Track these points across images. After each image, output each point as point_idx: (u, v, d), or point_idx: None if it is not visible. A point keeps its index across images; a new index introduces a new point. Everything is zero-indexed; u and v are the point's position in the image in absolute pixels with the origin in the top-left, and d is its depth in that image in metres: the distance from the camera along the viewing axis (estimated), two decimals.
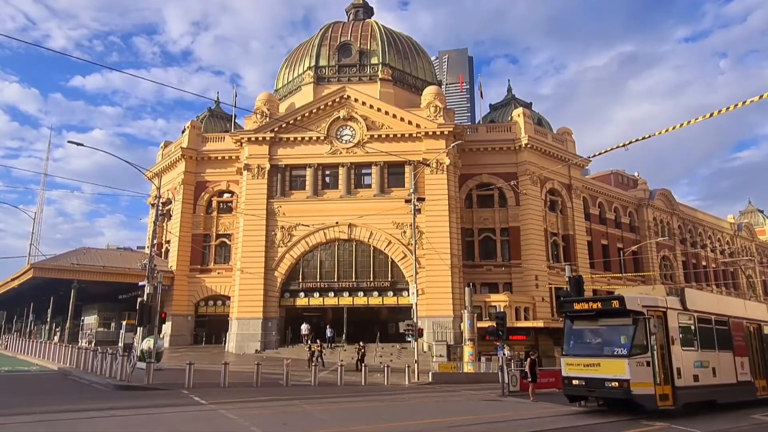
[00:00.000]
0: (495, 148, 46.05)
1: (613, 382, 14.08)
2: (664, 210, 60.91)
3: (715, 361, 16.48)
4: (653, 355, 14.46)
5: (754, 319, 19.35)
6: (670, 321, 15.35)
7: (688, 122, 14.72)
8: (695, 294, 18.11)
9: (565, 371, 15.51)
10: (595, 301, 16.29)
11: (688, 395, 14.97)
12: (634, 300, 15.16)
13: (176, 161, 48.53)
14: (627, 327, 14.76)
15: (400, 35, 52.96)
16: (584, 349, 15.56)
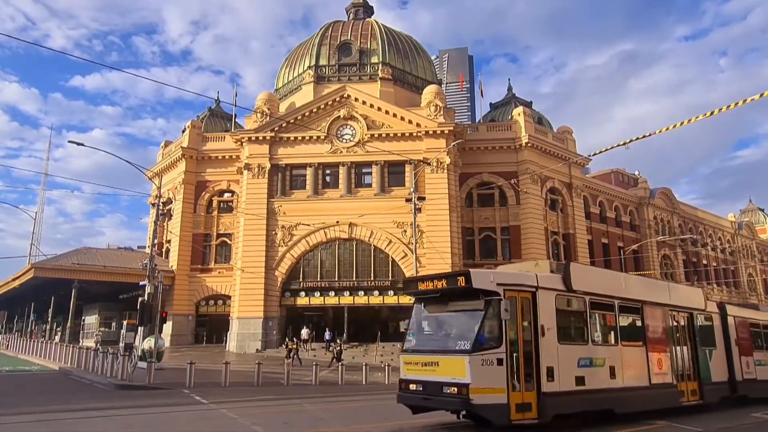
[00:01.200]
0: (495, 147, 46.04)
1: (451, 387, 10.35)
2: (665, 209, 60.91)
3: (614, 358, 12.90)
4: (510, 350, 10.69)
5: (681, 307, 15.73)
6: (543, 305, 11.51)
7: (689, 121, 14.71)
8: (587, 271, 14.43)
9: (403, 372, 11.66)
10: (440, 278, 12.02)
11: (563, 404, 11.35)
12: (484, 276, 11.29)
13: (177, 161, 48.55)
14: (477, 313, 10.96)
15: (400, 34, 52.95)
16: (427, 342, 11.80)
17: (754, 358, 18.34)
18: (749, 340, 18.38)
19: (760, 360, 18.61)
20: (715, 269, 66.54)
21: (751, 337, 18.51)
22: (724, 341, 17.22)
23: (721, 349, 16.98)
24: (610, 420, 13.14)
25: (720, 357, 16.81)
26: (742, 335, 17.99)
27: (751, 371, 17.92)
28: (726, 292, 67.10)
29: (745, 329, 18.31)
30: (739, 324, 18.01)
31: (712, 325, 16.89)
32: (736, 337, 17.59)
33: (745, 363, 17.68)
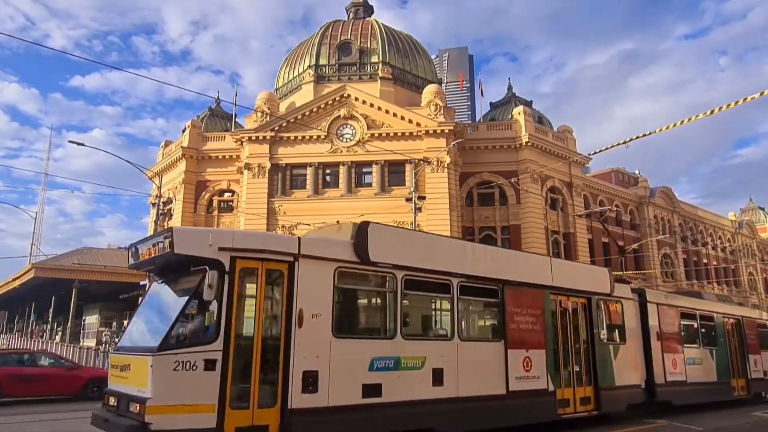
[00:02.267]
0: (495, 146, 46.04)
1: (133, 404, 7.15)
2: (665, 208, 60.90)
3: (444, 358, 9.51)
4: (236, 347, 7.43)
5: (572, 290, 12.38)
6: (306, 281, 8.07)
7: (689, 119, 14.68)
8: (401, 237, 9.93)
9: (110, 380, 8.35)
10: (149, 241, 8.32)
11: (331, 425, 8.01)
12: (197, 237, 7.82)
13: (177, 161, 48.56)
14: (187, 291, 7.86)
15: (400, 34, 52.95)
16: (131, 335, 8.70)
17: (684, 355, 15.28)
18: (678, 334, 15.42)
19: (694, 358, 15.65)
20: (716, 268, 66.54)
21: (681, 330, 15.59)
22: (642, 335, 14.29)
23: (634, 345, 13.85)
24: (608, 421, 13.12)
25: (632, 355, 13.72)
26: (668, 328, 14.98)
27: (679, 372, 14.91)
28: (726, 291, 67.11)
29: (672, 320, 15.30)
30: (664, 314, 14.96)
31: (622, 315, 13.64)
32: (659, 331, 14.65)
33: (670, 362, 14.66)
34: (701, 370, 15.89)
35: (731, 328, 17.74)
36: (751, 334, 18.28)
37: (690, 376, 15.28)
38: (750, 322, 18.68)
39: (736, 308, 19.11)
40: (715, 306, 17.69)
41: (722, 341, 17.12)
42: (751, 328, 18.38)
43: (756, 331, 18.56)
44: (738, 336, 18.03)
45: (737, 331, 18.08)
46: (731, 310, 18.50)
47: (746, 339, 18.01)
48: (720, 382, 16.53)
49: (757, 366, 18.12)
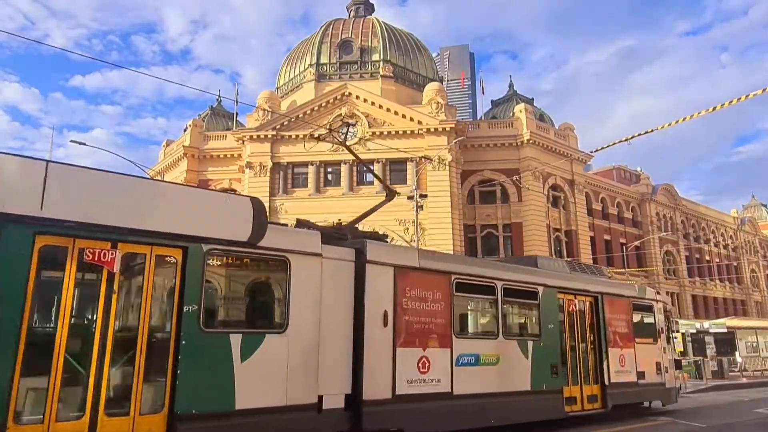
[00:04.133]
0: (497, 144, 45.99)
1: None
2: (667, 205, 60.82)
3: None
4: None
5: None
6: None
7: (691, 116, 14.66)
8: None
9: None
10: None
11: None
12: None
13: (178, 160, 48.60)
14: None
15: (401, 32, 52.91)
16: None
17: (453, 351, 9.67)
18: (441, 316, 9.65)
19: (476, 356, 10.07)
20: (718, 266, 66.45)
21: (450, 310, 9.78)
22: (355, 318, 8.56)
23: (310, 334, 7.86)
24: (612, 419, 13.13)
25: (311, 350, 7.83)
26: (414, 307, 9.30)
27: (430, 379, 9.28)
28: (729, 288, 67.03)
29: (427, 295, 9.54)
30: (406, 283, 9.25)
31: (269, 282, 8.10)
32: (393, 311, 8.94)
33: (403, 362, 8.91)
34: (493, 374, 10.19)
35: (575, 309, 12.38)
36: (618, 319, 13.38)
37: (462, 385, 9.57)
38: (617, 302, 13.54)
39: (595, 281, 13.41)
40: (542, 276, 11.93)
41: (551, 329, 11.67)
42: (618, 309, 13.45)
43: (628, 315, 13.76)
44: (591, 322, 12.84)
45: (590, 315, 12.86)
46: (579, 284, 12.84)
47: (606, 326, 12.91)
48: (538, 391, 10.96)
49: (625, 365, 13.15)
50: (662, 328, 14.96)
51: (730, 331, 32.84)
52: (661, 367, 14.34)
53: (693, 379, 26.84)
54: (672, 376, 15.12)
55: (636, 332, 13.85)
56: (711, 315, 56.70)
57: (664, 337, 15.00)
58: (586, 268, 15.10)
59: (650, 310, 14.78)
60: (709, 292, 63.29)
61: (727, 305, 64.78)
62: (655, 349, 14.40)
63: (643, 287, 15.56)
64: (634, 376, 13.36)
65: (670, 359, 15.12)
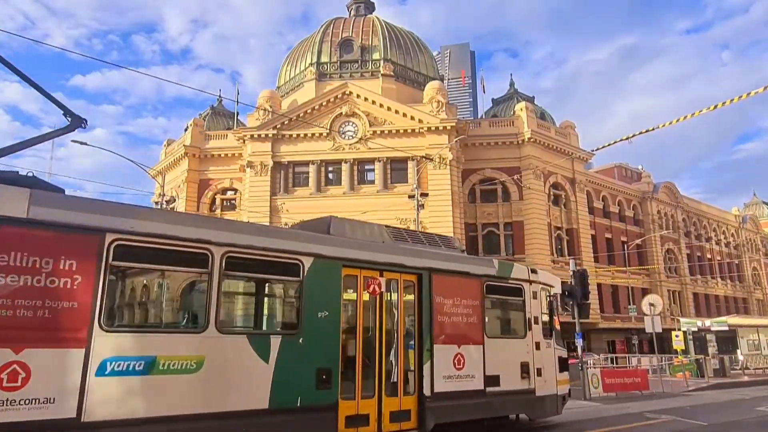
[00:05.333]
0: (498, 142, 45.97)
1: None
2: (669, 203, 60.76)
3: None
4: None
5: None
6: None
7: (692, 114, 14.64)
8: None
9: None
10: None
11: None
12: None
13: (179, 159, 48.63)
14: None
15: (401, 30, 52.89)
16: None
17: (45, 352, 5.92)
18: (28, 296, 5.86)
19: (128, 356, 6.46)
20: (719, 264, 66.38)
21: (41, 283, 5.94)
22: None
23: None
24: (611, 418, 13.14)
25: None
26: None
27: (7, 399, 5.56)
28: (730, 286, 66.97)
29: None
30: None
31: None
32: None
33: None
34: (187, 387, 6.77)
35: (379, 291, 8.95)
36: (456, 305, 9.89)
37: (109, 406, 6.20)
38: (458, 282, 10.03)
39: (421, 253, 9.84)
40: (311, 243, 8.41)
41: (324, 319, 8.23)
42: (457, 292, 9.94)
43: (476, 301, 10.19)
44: (409, 308, 9.64)
45: (407, 299, 9.65)
46: (389, 256, 9.31)
47: (433, 314, 9.46)
48: (285, 410, 7.60)
49: (464, 367, 9.72)
50: (537, 318, 11.24)
51: (732, 330, 32.78)
52: (530, 370, 10.73)
53: (694, 377, 26.84)
54: (551, 382, 11.39)
55: (488, 323, 10.38)
56: (712, 313, 56.68)
57: (541, 330, 11.32)
58: (426, 237, 11.00)
59: (518, 294, 11.05)
60: (711, 290, 63.24)
61: (729, 303, 64.72)
62: (521, 346, 10.83)
63: (508, 263, 11.60)
64: (479, 382, 9.75)
65: (549, 359, 11.46)
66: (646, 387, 20.76)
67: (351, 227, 9.95)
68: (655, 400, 18.14)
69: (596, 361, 28.69)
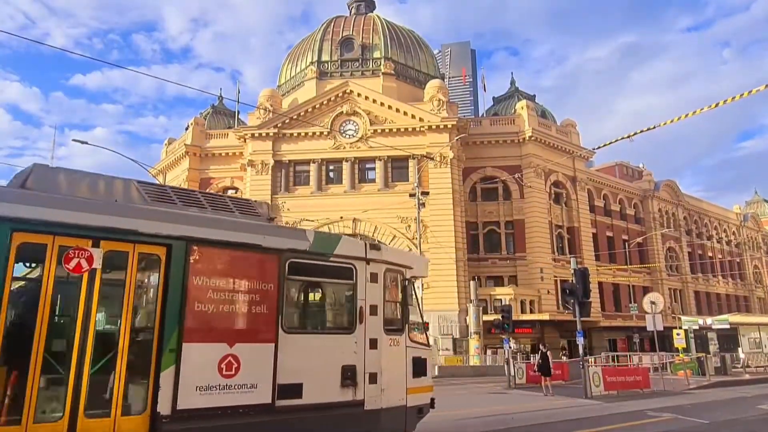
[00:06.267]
0: (499, 140, 45.94)
1: None
2: (670, 201, 60.70)
3: None
4: None
5: None
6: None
7: (693, 112, 14.62)
8: None
9: None
10: None
11: None
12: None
13: (180, 158, 48.66)
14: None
15: (402, 29, 52.84)
16: None
17: None
18: None
19: None
20: (721, 262, 66.31)
21: None
22: None
23: None
24: (611, 416, 13.14)
25: None
26: None
27: None
28: (732, 284, 66.91)
29: None
30: None
31: None
32: None
33: None
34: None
35: (86, 268, 6.32)
36: (232, 289, 7.29)
37: None
38: (238, 258, 7.41)
39: (177, 217, 7.17)
40: None
41: None
42: (237, 272, 7.35)
43: (270, 284, 7.58)
44: (150, 292, 7.23)
45: (152, 280, 7.18)
46: (113, 219, 6.59)
47: (186, 301, 6.92)
48: None
49: (237, 374, 7.10)
50: (376, 308, 8.47)
51: (733, 328, 32.77)
52: (356, 375, 8.04)
53: (696, 375, 26.83)
54: (395, 390, 8.55)
55: (288, 314, 7.90)
56: (714, 311, 56.65)
57: (381, 323, 8.49)
58: (209, 199, 8.11)
59: (345, 276, 8.29)
60: (712, 288, 63.20)
61: (730, 301, 64.69)
62: (345, 344, 8.08)
63: (333, 236, 9.08)
64: (264, 393, 7.17)
65: (395, 360, 8.64)
66: (647, 385, 20.76)
67: (69, 179, 7.02)
68: (656, 398, 18.15)
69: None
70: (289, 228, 8.62)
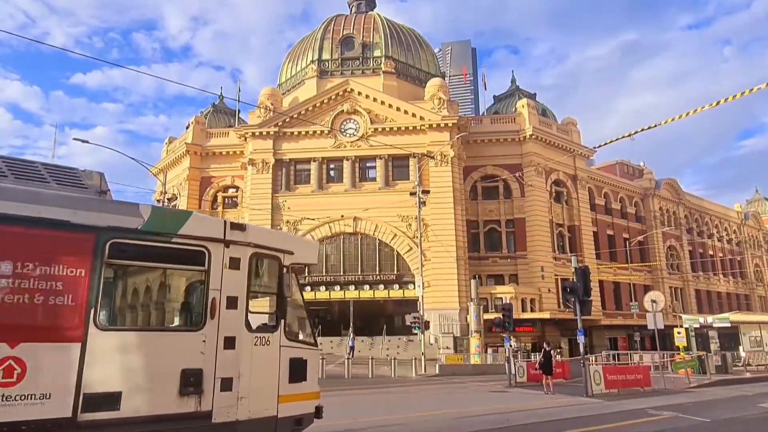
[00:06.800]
0: (499, 139, 45.92)
1: None
2: (671, 199, 60.65)
3: None
4: None
5: None
6: None
7: (695, 111, 14.60)
8: None
9: None
10: None
11: None
12: None
13: (181, 157, 48.67)
14: None
15: (402, 27, 52.80)
16: None
17: None
18: None
19: None
20: (722, 260, 66.25)
21: None
22: None
23: None
24: (610, 414, 13.15)
25: None
26: None
27: None
28: (732, 282, 66.87)
29: None
30: None
31: None
32: None
33: None
34: None
35: None
36: (8, 275, 5.55)
37: None
38: (25, 236, 5.73)
39: None
40: None
41: None
42: (20, 252, 5.65)
43: (76, 269, 5.95)
44: None
45: None
46: None
47: None
48: None
49: (19, 380, 5.43)
50: (236, 300, 6.98)
51: (734, 326, 32.69)
52: (204, 382, 6.54)
53: (696, 374, 26.82)
54: (260, 398, 7.04)
55: (105, 306, 6.60)
56: (714, 310, 56.61)
57: (243, 318, 7.01)
58: (11, 167, 6.38)
59: (193, 261, 6.77)
60: (713, 286, 63.17)
61: (731, 300, 64.66)
62: (189, 344, 6.59)
63: (179, 212, 7.80)
64: (61, 406, 5.62)
65: (262, 363, 7.12)
66: (648, 384, 20.74)
67: None
68: (657, 396, 18.15)
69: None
70: (115, 202, 6.79)
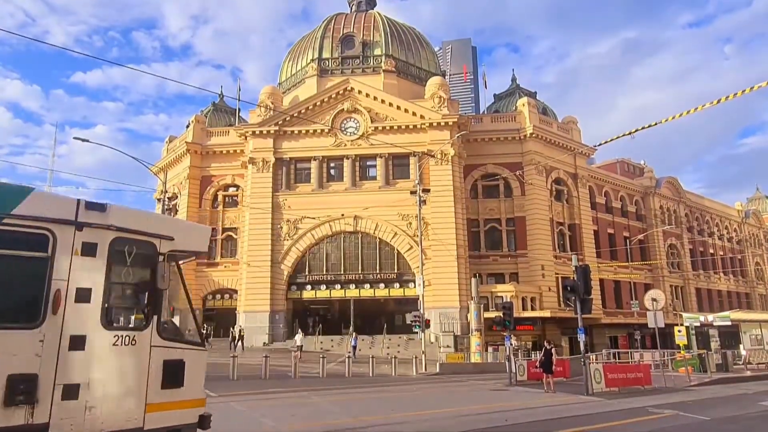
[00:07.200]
0: (500, 138, 45.88)
1: None
2: (671, 198, 60.61)
3: None
4: None
5: None
6: None
7: (695, 109, 14.56)
8: None
9: None
10: None
11: None
12: None
13: (181, 156, 48.65)
14: None
15: (403, 26, 52.75)
16: None
17: None
18: None
19: None
20: (722, 258, 66.22)
21: None
22: None
23: None
24: (610, 413, 13.15)
25: None
26: None
27: None
28: (733, 281, 66.85)
29: None
30: None
31: None
32: None
33: None
34: None
35: None
36: None
37: None
38: None
39: None
40: None
41: None
42: None
43: None
44: None
45: None
46: None
47: None
48: None
49: None
50: (88, 293, 5.91)
51: (735, 324, 32.71)
52: (39, 389, 5.45)
53: (697, 372, 26.84)
54: (120, 408, 6.03)
55: None
56: (715, 308, 56.58)
57: (100, 313, 5.98)
58: None
59: (33, 246, 5.70)
60: (714, 285, 63.14)
61: (732, 298, 64.64)
62: (18, 344, 5.42)
63: (15, 187, 6.10)
64: None
65: (124, 366, 6.11)
66: (648, 382, 20.74)
67: None
68: (657, 395, 18.16)
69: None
70: None
